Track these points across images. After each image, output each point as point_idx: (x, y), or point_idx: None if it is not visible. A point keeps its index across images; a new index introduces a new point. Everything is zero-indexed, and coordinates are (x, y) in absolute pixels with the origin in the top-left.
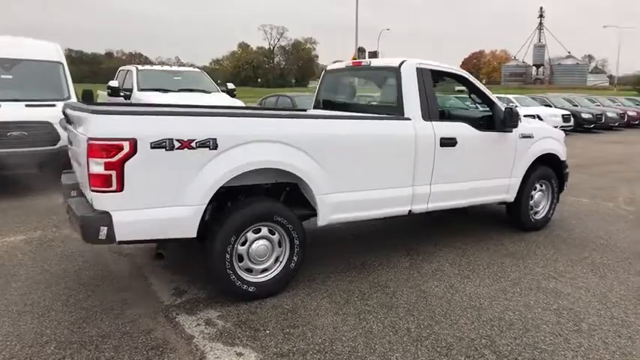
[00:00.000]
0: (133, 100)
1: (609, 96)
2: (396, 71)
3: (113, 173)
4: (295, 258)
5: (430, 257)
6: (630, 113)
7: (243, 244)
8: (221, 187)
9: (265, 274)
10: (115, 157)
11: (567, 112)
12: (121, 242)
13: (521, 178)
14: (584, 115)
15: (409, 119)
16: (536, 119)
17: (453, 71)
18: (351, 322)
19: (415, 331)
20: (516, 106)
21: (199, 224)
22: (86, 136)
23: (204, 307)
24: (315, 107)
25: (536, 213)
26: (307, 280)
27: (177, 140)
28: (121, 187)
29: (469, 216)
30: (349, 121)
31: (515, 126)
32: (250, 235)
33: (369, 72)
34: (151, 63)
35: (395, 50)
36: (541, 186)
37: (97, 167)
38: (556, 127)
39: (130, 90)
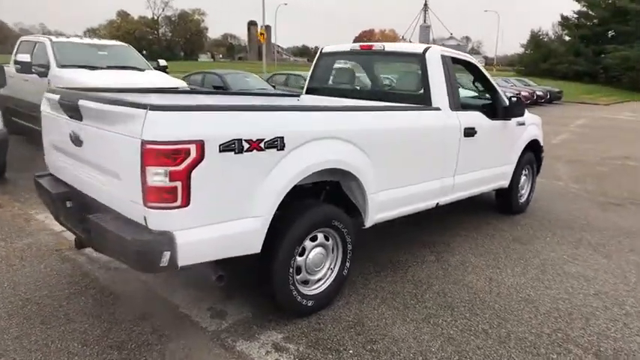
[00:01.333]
0: (52, 79)
1: (504, 77)
2: (420, 58)
3: (179, 185)
4: (348, 264)
5: (449, 248)
6: (524, 93)
7: (301, 254)
8: None
9: (319, 285)
10: (182, 164)
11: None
12: (182, 267)
13: (515, 164)
14: None
15: (439, 109)
16: None
17: (467, 59)
18: (426, 330)
19: (493, 332)
20: None
21: None
22: (138, 138)
23: (260, 329)
24: (309, 93)
25: (520, 196)
26: (348, 284)
27: (246, 141)
28: (187, 202)
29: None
30: (394, 112)
31: (522, 114)
32: (308, 244)
33: (382, 57)
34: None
35: (291, 26)
36: (525, 170)
37: (158, 178)
38: None
39: (45, 66)
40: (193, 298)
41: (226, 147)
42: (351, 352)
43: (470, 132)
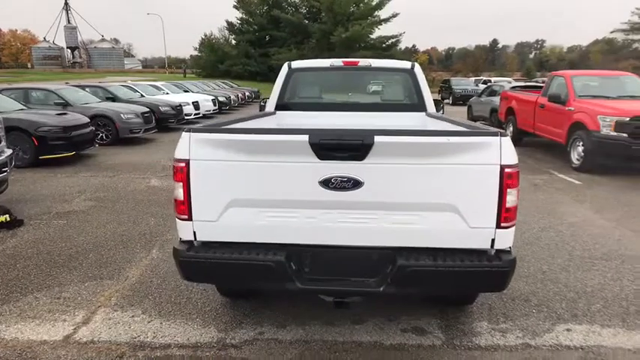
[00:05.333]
0: None
1: (202, 81)
2: (410, 72)
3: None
4: None
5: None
6: (236, 95)
7: None
8: None
9: None
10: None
11: (214, 97)
12: None
13: None
14: (221, 98)
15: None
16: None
17: None
18: None
19: None
20: (167, 93)
21: None
22: (496, 165)
23: (485, 326)
24: (281, 109)
25: None
26: None
27: None
28: None
29: None
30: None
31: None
32: None
33: (368, 72)
34: None
35: None
36: None
37: (513, 198)
38: (208, 111)
39: None
40: (370, 331)
41: None
42: None
43: None
